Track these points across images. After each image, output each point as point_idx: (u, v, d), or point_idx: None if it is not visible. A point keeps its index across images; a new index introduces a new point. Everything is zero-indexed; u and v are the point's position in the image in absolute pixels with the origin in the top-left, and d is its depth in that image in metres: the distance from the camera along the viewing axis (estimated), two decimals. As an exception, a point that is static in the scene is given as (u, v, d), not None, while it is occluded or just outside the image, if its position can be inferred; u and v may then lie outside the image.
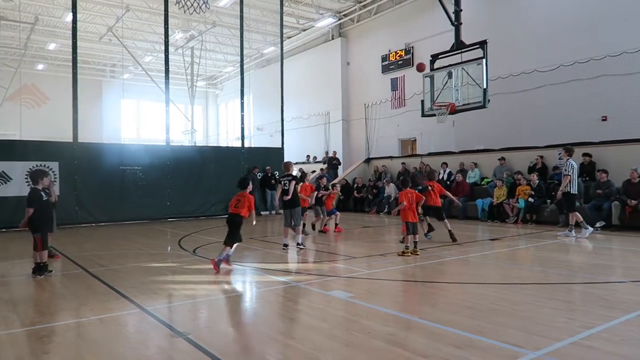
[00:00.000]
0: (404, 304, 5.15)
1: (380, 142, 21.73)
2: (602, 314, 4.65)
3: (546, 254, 8.37)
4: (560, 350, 3.68)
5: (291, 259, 8.68)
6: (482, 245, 9.72)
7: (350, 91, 24.30)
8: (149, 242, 11.03)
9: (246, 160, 18.28)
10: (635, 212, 11.04)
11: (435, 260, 7.93)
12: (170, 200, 16.19)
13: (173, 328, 4.44)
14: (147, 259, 8.47)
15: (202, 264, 7.91)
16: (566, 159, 10.61)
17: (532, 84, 15.83)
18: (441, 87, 13.85)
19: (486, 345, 3.82)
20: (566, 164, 10.49)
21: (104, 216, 15.13)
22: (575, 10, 14.90)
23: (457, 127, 17.64)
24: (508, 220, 13.62)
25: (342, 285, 6.16)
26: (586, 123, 14.41)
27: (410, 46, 20.50)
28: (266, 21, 24.68)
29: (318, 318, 4.73)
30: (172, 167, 16.25)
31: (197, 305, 5.39)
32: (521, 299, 5.25)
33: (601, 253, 8.39)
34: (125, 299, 5.55)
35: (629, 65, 13.54)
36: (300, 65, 27.03)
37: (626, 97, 13.67)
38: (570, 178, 10.29)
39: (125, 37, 25.38)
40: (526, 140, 15.58)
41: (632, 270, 6.97)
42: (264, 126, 30.00)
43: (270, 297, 5.78)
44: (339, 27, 24.56)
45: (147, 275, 6.97)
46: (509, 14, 16.85)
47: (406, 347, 3.81)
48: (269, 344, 4.03)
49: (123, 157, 15.70)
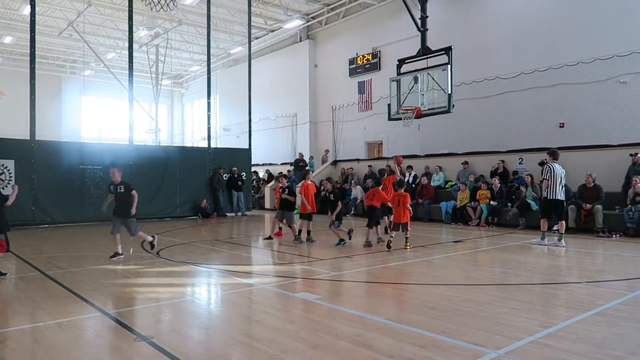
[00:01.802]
0: (370, 305, 5.20)
1: (347, 144, 21.89)
2: (559, 314, 4.82)
3: (507, 256, 8.62)
4: (520, 349, 3.79)
5: (257, 261, 8.61)
6: (446, 247, 9.92)
7: (317, 93, 24.38)
8: (111, 243, 10.69)
9: (212, 161, 18.06)
10: (590, 215, 11.51)
11: (400, 262, 8.04)
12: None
13: (135, 332, 4.34)
14: (109, 261, 8.24)
15: (166, 266, 7.76)
16: (550, 161, 9.83)
17: (495, 90, 16.30)
18: (407, 92, 14.09)
19: (449, 345, 3.90)
20: (544, 167, 9.86)
21: (63, 217, 14.63)
22: (535, 21, 15.43)
23: (423, 131, 17.96)
24: (471, 222, 13.95)
25: (309, 287, 6.16)
26: (545, 129, 14.94)
27: (378, 50, 20.74)
28: (233, 21, 24.46)
29: (284, 320, 4.71)
30: (136, 167, 15.86)
31: (160, 308, 5.29)
32: (483, 300, 5.38)
33: (558, 255, 8.70)
34: (85, 302, 5.38)
35: (585, 74, 14.13)
36: (267, 66, 26.92)
37: (582, 105, 14.27)
38: (547, 183, 9.65)
39: (87, 32, 24.66)
40: (488, 145, 16.01)
41: (586, 272, 7.26)
42: (231, 127, 29.73)
43: (235, 299, 5.73)
44: (307, 30, 24.61)
45: (109, 278, 6.78)
46: (474, 22, 17.30)
47: (372, 347, 3.85)
48: (234, 347, 3.99)
49: (83, 156, 15.22)
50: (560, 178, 9.61)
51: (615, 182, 12.17)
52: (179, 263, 8.01)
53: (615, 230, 11.10)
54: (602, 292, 5.71)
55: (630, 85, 13.41)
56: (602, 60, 13.76)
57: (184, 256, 8.68)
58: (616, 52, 13.49)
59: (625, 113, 13.42)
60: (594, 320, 4.55)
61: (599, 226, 11.23)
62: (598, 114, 13.93)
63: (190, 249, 9.65)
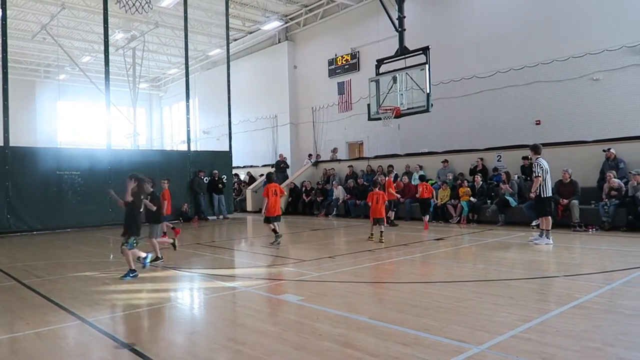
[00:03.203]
0: (354, 305, 5.21)
1: (328, 145, 21.92)
2: (539, 308, 4.91)
3: (487, 252, 8.73)
4: (501, 343, 3.85)
5: (240, 264, 8.57)
6: (428, 245, 10.01)
7: (297, 95, 24.37)
8: (90, 250, 10.55)
9: (192, 164, 17.91)
10: (567, 210, 11.74)
11: (382, 261, 8.09)
12: (113, 207, 15.54)
13: (116, 339, 4.27)
14: (88, 268, 8.10)
15: (148, 271, 7.65)
16: (535, 158, 9.58)
17: (472, 89, 16.53)
18: (386, 92, 14.19)
19: (432, 342, 3.94)
20: (535, 165, 9.49)
21: (40, 224, 14.34)
22: (510, 20, 15.70)
23: (403, 131, 18.11)
24: (452, 220, 14.10)
25: (292, 288, 6.15)
26: (521, 126, 15.21)
27: (356, 51, 20.83)
28: (211, 23, 24.30)
29: (268, 322, 4.70)
30: (114, 172, 15.60)
31: (142, 315, 5.22)
32: (464, 296, 5.45)
33: (536, 250, 8.85)
34: (64, 310, 5.28)
35: (559, 72, 14.44)
36: (246, 68, 26.82)
37: (557, 102, 14.57)
38: (540, 180, 9.34)
39: (61, 35, 24.22)
40: (467, 143, 16.22)
41: (564, 266, 7.40)
42: (211, 129, 29.52)
43: (218, 303, 5.68)
44: (286, 31, 24.59)
45: (88, 285, 6.66)
46: (450, 22, 17.51)
47: (356, 347, 3.86)
48: (217, 351, 3.96)
49: (60, 162, 14.93)
50: (549, 173, 9.48)
51: (590, 178, 12.44)
52: (160, 268, 7.92)
53: (592, 225, 11.34)
54: (580, 286, 5.83)
55: (602, 82, 13.74)
56: (575, 59, 14.07)
57: (165, 261, 8.58)
58: (589, 50, 13.80)
59: (598, 110, 13.74)
60: (573, 313, 4.65)
61: (576, 221, 11.46)
62: (573, 111, 14.24)
63: (171, 253, 9.55)
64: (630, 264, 7.13)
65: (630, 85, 13.24)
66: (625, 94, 13.29)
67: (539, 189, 9.43)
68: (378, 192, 10.76)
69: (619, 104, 13.35)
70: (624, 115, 13.19)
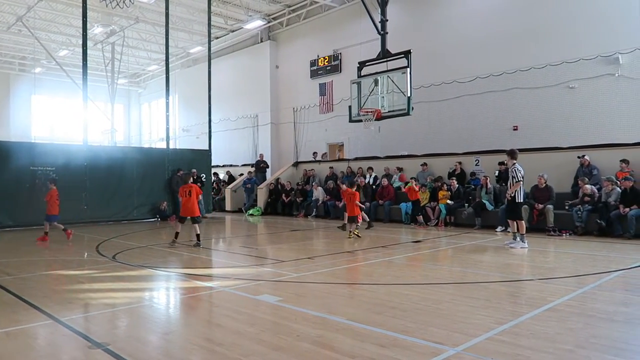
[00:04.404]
0: (332, 306, 5.22)
1: (308, 146, 21.92)
2: (514, 310, 4.99)
3: (464, 255, 8.84)
4: (477, 345, 3.90)
5: (217, 263, 8.49)
6: (406, 247, 10.09)
7: (279, 95, 24.30)
8: (63, 248, 10.33)
9: (171, 162, 17.68)
10: (542, 214, 11.98)
11: (361, 263, 8.12)
12: (88, 204, 15.26)
13: (90, 339, 4.19)
14: (61, 266, 7.93)
15: (123, 270, 7.53)
16: (512, 163, 9.64)
17: (452, 93, 16.74)
18: (368, 94, 14.28)
19: (409, 343, 3.97)
20: (514, 170, 9.53)
21: (11, 220, 13.96)
22: (490, 27, 15.94)
23: (383, 133, 18.22)
24: (430, 222, 14.24)
25: (270, 289, 6.13)
26: (499, 132, 15.46)
27: (339, 52, 20.88)
28: (193, 20, 24.06)
29: (246, 323, 4.67)
30: (90, 168, 15.32)
31: (117, 314, 5.12)
32: (442, 298, 5.50)
33: (512, 253, 9.00)
34: (36, 309, 5.15)
35: (537, 79, 14.73)
36: (228, 66, 26.64)
37: (534, 108, 14.85)
38: (520, 184, 9.47)
39: (38, 28, 23.66)
40: (446, 147, 16.41)
41: (538, 269, 7.54)
42: (190, 127, 29.23)
43: (195, 303, 5.62)
44: (268, 30, 24.50)
45: (61, 284, 6.52)
46: (432, 27, 17.69)
47: (334, 348, 3.86)
48: (194, 352, 3.91)
49: (34, 157, 14.57)
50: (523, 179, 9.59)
51: (564, 183, 12.72)
52: (136, 267, 7.80)
53: (565, 229, 11.59)
54: (554, 289, 5.94)
55: (578, 90, 14.06)
56: (552, 67, 14.37)
57: (141, 260, 8.46)
58: (565, 58, 14.11)
59: (573, 117, 14.05)
60: (546, 316, 4.74)
61: (550, 225, 11.69)
62: (549, 118, 14.53)
63: (148, 252, 9.42)
64: (602, 268, 7.31)
65: (604, 94, 13.58)
66: (600, 102, 13.62)
67: (515, 193, 9.55)
68: (352, 191, 11.35)
69: (594, 112, 13.68)
70: (598, 123, 13.52)
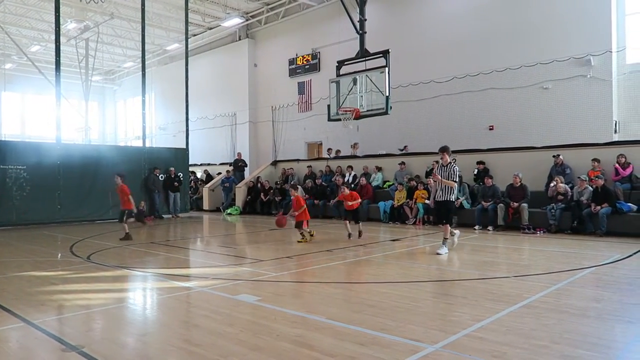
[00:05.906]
0: (311, 305, 5.21)
1: (287, 144, 21.87)
2: (490, 307, 5.06)
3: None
4: (455, 342, 3.94)
5: (195, 263, 8.40)
6: (384, 246, 10.15)
7: (257, 93, 24.18)
8: (36, 248, 10.07)
9: (148, 161, 17.42)
10: (517, 213, 12.20)
11: (340, 262, 8.13)
12: (62, 203, 14.92)
13: (64, 341, 4.09)
14: (33, 267, 7.72)
15: (98, 271, 7.38)
16: (452, 160, 8.98)
17: (430, 93, 16.93)
18: (346, 93, 14.31)
19: (389, 341, 3.98)
20: (455, 169, 8.78)
21: (-19, 220, 13.57)
22: (467, 28, 16.17)
23: (362, 132, 18.30)
24: (408, 221, 14.35)
25: (249, 288, 6.08)
26: (476, 131, 15.69)
27: (317, 51, 20.89)
28: (170, 16, 23.75)
29: (224, 323, 4.62)
30: (64, 167, 14.99)
31: (91, 316, 5.01)
32: (420, 296, 5.55)
33: (488, 251, 9.14)
34: (7, 312, 5.00)
35: (512, 80, 15.01)
36: (206, 64, 26.38)
37: (510, 109, 15.13)
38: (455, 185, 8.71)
39: (8, 22, 23.03)
40: (423, 146, 16.56)
41: (514, 267, 7.67)
42: (167, 126, 28.85)
43: (173, 303, 5.55)
44: (247, 28, 24.36)
45: (33, 286, 6.35)
46: (410, 27, 17.84)
47: (313, 347, 3.86)
48: (171, 353, 3.85)
49: (4, 155, 14.18)
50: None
51: (539, 182, 12.97)
52: (111, 267, 7.65)
53: (540, 227, 11.83)
54: (529, 286, 6.05)
55: (552, 91, 14.38)
56: (527, 67, 14.66)
57: (117, 260, 8.31)
58: (540, 60, 14.41)
59: (547, 117, 14.36)
60: (522, 312, 4.82)
61: (525, 223, 11.91)
62: (524, 118, 14.82)
63: (124, 252, 9.25)
64: (575, 265, 7.48)
65: (577, 95, 13.92)
66: (572, 102, 13.96)
67: (449, 193, 8.74)
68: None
69: (567, 112, 14.00)
70: (571, 123, 13.85)
